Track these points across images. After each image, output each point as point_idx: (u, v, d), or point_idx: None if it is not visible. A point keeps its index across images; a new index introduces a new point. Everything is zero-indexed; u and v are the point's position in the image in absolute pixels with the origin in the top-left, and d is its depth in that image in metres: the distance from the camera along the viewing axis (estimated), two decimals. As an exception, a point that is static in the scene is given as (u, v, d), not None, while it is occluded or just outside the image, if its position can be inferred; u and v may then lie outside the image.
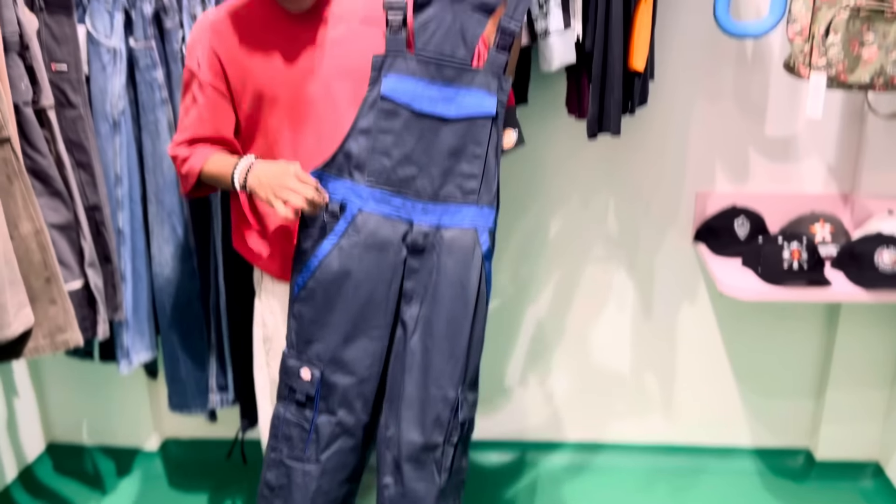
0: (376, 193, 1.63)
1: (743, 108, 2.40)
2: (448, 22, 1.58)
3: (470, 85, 1.58)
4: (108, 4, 2.10)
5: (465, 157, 1.62)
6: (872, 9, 2.00)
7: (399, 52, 1.58)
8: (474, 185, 1.64)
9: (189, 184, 1.82)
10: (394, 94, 1.59)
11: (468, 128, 1.60)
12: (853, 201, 2.41)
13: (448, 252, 1.64)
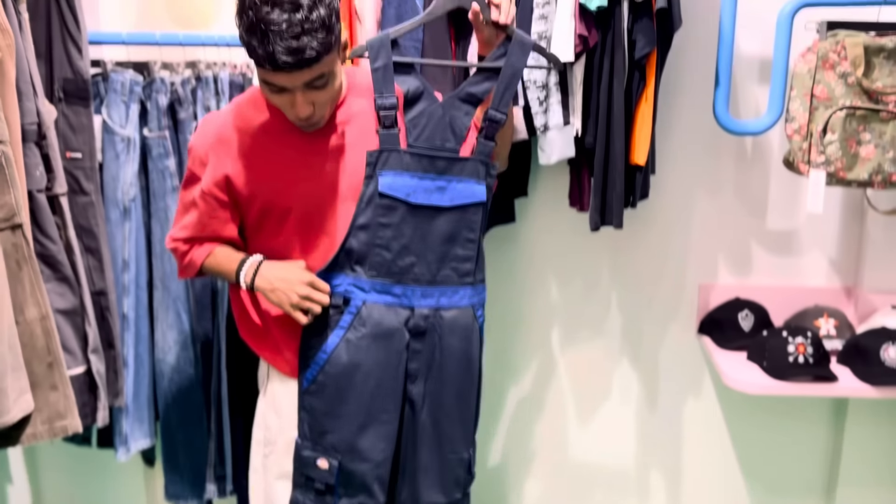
0: (377, 285, 1.68)
1: (744, 201, 2.43)
2: (438, 115, 1.65)
3: (461, 174, 1.67)
4: (124, 96, 2.17)
5: (459, 241, 1.70)
6: (868, 109, 2.05)
7: (393, 147, 1.65)
8: (469, 268, 1.73)
9: (189, 274, 1.81)
10: (391, 191, 1.65)
11: (461, 215, 1.69)
12: (857, 295, 2.41)
13: (451, 332, 1.73)
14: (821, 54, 2.06)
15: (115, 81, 2.17)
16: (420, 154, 1.65)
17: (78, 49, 2.08)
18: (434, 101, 1.66)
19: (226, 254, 1.75)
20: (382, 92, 1.63)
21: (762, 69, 2.33)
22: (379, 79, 1.62)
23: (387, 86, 1.62)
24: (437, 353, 1.73)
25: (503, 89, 1.65)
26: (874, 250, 2.36)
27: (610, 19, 1.96)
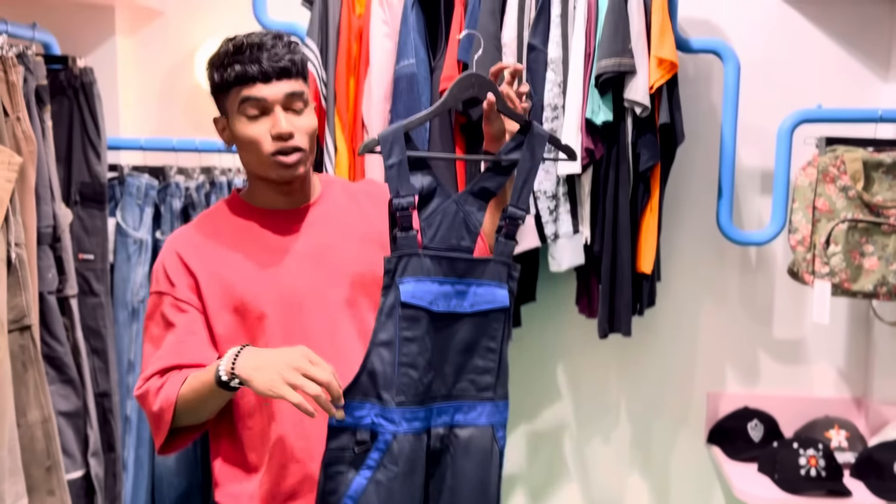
0: (407, 412, 1.45)
1: (749, 310, 2.44)
2: (452, 212, 1.50)
3: (482, 277, 1.51)
4: (139, 199, 2.22)
5: (479, 351, 1.51)
6: (869, 222, 2.09)
7: (411, 251, 1.47)
8: (489, 381, 1.52)
9: (164, 424, 1.44)
10: (414, 300, 1.46)
11: (482, 322, 1.51)
12: (867, 406, 2.38)
13: (465, 453, 1.51)
14: (821, 168, 2.11)
15: (130, 185, 2.22)
16: (439, 256, 1.48)
17: (97, 154, 2.14)
18: (448, 196, 1.50)
19: (198, 371, 1.43)
20: (399, 191, 1.45)
21: (763, 181, 2.38)
22: (394, 176, 1.45)
23: (403, 184, 1.45)
24: (448, 477, 1.50)
25: (521, 184, 1.51)
26: (882, 361, 2.34)
27: (615, 133, 2.02)
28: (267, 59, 1.41)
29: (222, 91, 1.46)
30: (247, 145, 1.46)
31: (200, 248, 1.50)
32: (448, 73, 2.01)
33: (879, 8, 2.31)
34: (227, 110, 1.47)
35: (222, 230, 1.52)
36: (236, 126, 1.46)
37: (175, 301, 1.47)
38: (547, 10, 2.01)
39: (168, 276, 1.49)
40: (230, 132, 1.48)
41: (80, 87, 2.13)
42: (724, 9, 2.35)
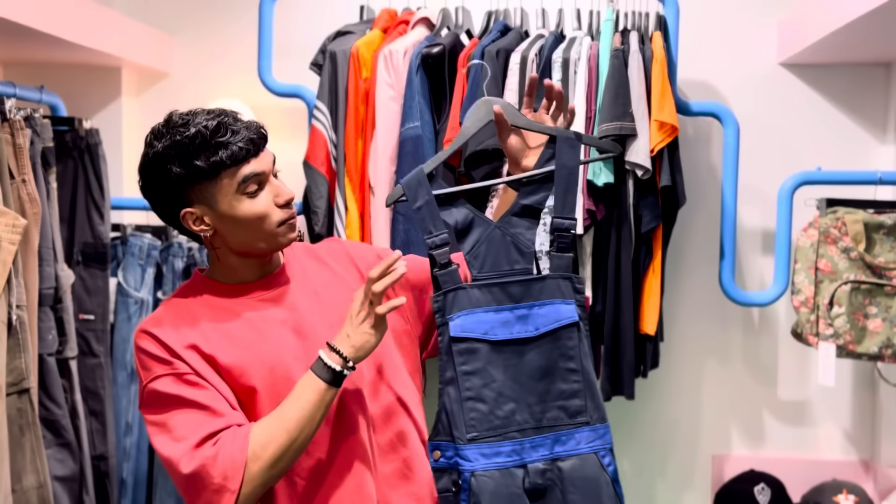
0: (483, 447, 1.43)
1: (753, 371, 2.42)
2: (497, 238, 1.47)
3: (541, 297, 1.46)
4: (141, 259, 2.22)
5: (559, 375, 1.46)
6: (872, 283, 2.09)
7: (455, 286, 1.45)
8: (580, 404, 1.46)
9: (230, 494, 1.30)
10: (465, 332, 1.44)
11: (553, 343, 1.46)
12: (875, 470, 2.35)
13: (572, 487, 1.44)
14: (822, 230, 2.12)
15: (133, 245, 2.22)
16: (488, 285, 1.45)
17: (100, 214, 2.15)
18: (488, 224, 1.48)
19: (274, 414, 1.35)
20: (431, 230, 1.44)
21: (764, 241, 2.39)
22: (424, 217, 1.45)
23: (435, 223, 1.45)
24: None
25: (563, 192, 1.46)
26: (889, 423, 2.32)
27: (616, 195, 2.03)
28: (248, 131, 1.35)
29: (204, 179, 1.34)
30: (250, 223, 1.37)
31: (179, 331, 1.37)
32: (451, 135, 2.03)
33: (875, 71, 2.34)
34: (211, 197, 1.35)
35: (196, 309, 1.40)
36: (235, 208, 1.35)
37: (177, 377, 1.34)
38: (548, 75, 2.04)
39: (157, 358, 1.35)
40: (215, 218, 1.36)
41: (86, 147, 2.15)
42: (722, 71, 2.38)
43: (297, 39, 2.42)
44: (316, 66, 2.21)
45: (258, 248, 1.40)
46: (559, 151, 1.45)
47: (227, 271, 1.43)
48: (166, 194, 1.36)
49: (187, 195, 1.35)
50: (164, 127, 1.36)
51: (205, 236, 1.38)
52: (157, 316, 1.41)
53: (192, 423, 1.31)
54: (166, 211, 1.39)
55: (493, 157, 2.01)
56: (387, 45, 2.13)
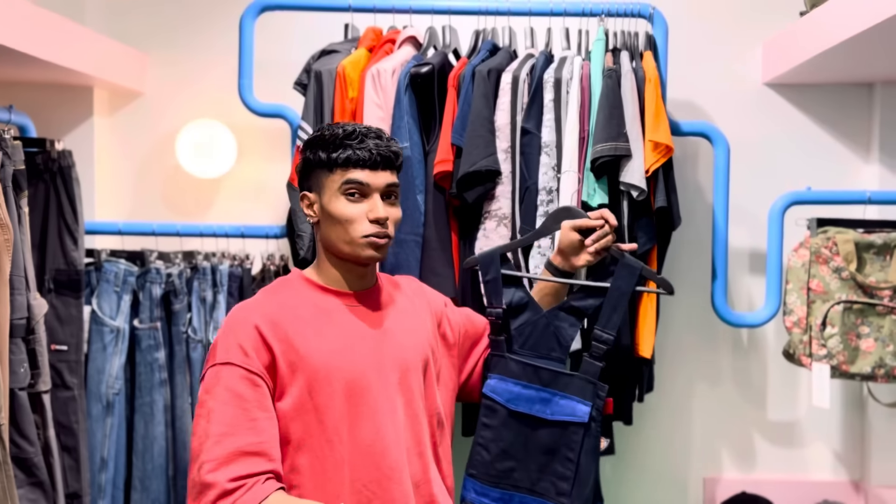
0: (477, 486, 1.69)
1: (743, 392, 2.40)
2: (542, 325, 1.69)
3: (565, 390, 1.66)
4: (117, 286, 2.12)
5: (559, 458, 1.66)
6: (864, 303, 2.08)
7: (501, 353, 1.70)
8: (566, 487, 1.66)
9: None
10: (493, 394, 1.69)
11: (562, 431, 1.65)
12: (865, 490, 2.34)
13: None
14: (813, 250, 2.11)
15: (108, 272, 2.13)
16: (525, 363, 1.68)
17: (73, 239, 2.05)
18: (539, 311, 1.71)
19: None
20: (493, 303, 1.72)
21: (752, 261, 2.38)
22: (489, 291, 1.73)
23: (496, 297, 1.72)
24: None
25: (610, 311, 1.65)
26: (879, 443, 2.32)
27: (611, 216, 2.00)
28: (375, 147, 1.50)
29: (324, 169, 1.50)
30: (340, 223, 1.50)
31: (278, 324, 1.47)
32: (442, 156, 1.98)
33: (858, 92, 2.36)
34: (323, 187, 1.51)
35: (296, 306, 1.51)
36: (332, 203, 1.50)
37: (248, 374, 1.42)
38: (540, 95, 2.00)
39: (242, 348, 1.43)
40: (320, 207, 1.52)
41: (58, 170, 2.05)
42: (708, 91, 2.38)
43: (279, 58, 2.36)
44: (300, 85, 2.14)
45: (341, 250, 1.52)
46: (619, 274, 1.66)
47: (325, 270, 1.56)
48: (302, 175, 1.55)
49: (308, 179, 1.53)
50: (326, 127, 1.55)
51: (314, 223, 1.54)
52: (263, 309, 1.49)
53: (233, 427, 1.38)
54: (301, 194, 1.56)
55: (486, 179, 1.97)
56: (374, 64, 2.07)
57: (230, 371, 1.41)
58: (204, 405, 1.41)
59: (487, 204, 2.00)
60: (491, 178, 1.97)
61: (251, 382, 1.41)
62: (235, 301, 2.15)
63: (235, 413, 1.38)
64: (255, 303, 1.51)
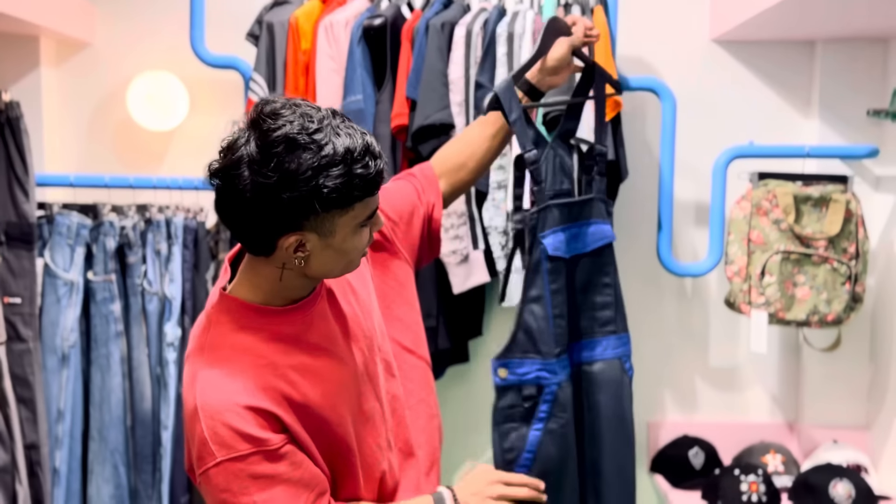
0: (563, 362, 1.53)
1: (686, 339, 2.50)
2: (551, 158, 1.56)
3: (591, 217, 1.58)
4: (70, 239, 2.11)
5: (597, 288, 1.58)
6: (801, 253, 2.18)
7: (545, 204, 1.51)
8: (610, 315, 1.59)
9: None
10: (556, 252, 1.51)
11: (596, 259, 1.58)
12: (799, 430, 2.47)
13: (598, 388, 1.58)
14: (754, 202, 2.20)
15: (60, 224, 2.11)
16: (560, 204, 1.52)
17: (24, 192, 2.03)
18: (546, 144, 1.55)
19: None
20: (525, 145, 1.49)
21: (697, 214, 2.46)
22: (519, 131, 1.49)
23: (527, 137, 1.50)
24: (586, 414, 1.57)
25: (601, 122, 1.59)
26: (812, 386, 2.44)
27: (561, 169, 2.04)
28: (381, 164, 1.19)
29: (336, 209, 1.15)
30: (347, 255, 1.23)
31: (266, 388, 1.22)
32: (398, 109, 2.00)
33: (801, 49, 2.43)
34: (334, 225, 1.17)
35: (263, 354, 1.24)
36: (349, 240, 1.20)
37: (267, 453, 1.20)
38: (493, 49, 2.03)
39: (246, 434, 1.19)
40: (321, 247, 1.19)
41: (6, 122, 2.02)
42: (655, 47, 2.42)
43: (232, 9, 2.33)
44: (252, 36, 2.14)
45: (336, 275, 1.28)
46: (598, 86, 1.56)
47: (283, 293, 1.25)
48: (273, 215, 1.13)
49: (300, 220, 1.15)
50: (288, 141, 1.11)
51: (286, 261, 1.19)
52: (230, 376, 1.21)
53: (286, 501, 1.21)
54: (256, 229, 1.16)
55: (441, 132, 1.99)
56: (327, 15, 2.08)
57: (244, 462, 1.20)
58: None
59: (441, 157, 2.03)
60: (445, 131, 2.00)
61: (276, 458, 1.21)
62: (191, 254, 2.16)
63: (279, 491, 1.21)
64: (223, 377, 1.22)
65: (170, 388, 2.11)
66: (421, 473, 1.49)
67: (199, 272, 2.16)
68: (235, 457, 1.19)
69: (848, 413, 2.42)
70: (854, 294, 2.18)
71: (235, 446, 1.19)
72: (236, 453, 1.19)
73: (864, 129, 2.34)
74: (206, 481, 1.21)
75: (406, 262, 1.56)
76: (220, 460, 1.19)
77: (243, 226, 1.17)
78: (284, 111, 1.14)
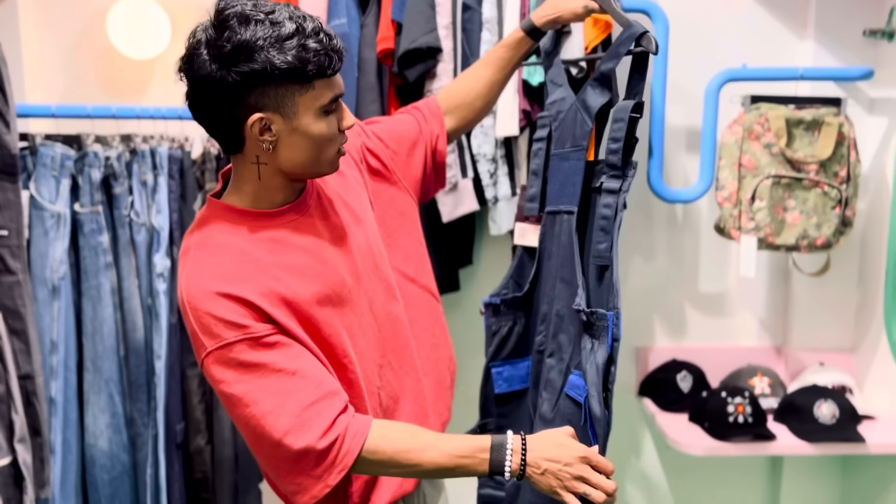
0: None
1: (676, 266, 2.51)
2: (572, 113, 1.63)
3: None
4: (54, 170, 2.09)
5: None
6: (791, 177, 2.17)
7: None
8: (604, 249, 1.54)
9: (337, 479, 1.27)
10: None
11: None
12: (786, 353, 2.50)
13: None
14: (746, 126, 2.17)
15: (44, 156, 2.08)
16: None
17: (5, 123, 1.99)
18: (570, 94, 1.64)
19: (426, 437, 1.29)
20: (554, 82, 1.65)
21: (689, 139, 2.44)
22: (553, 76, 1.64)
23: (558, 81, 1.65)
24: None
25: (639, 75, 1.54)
26: (800, 310, 2.46)
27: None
28: (337, 45, 1.21)
29: (294, 83, 1.18)
30: (317, 145, 1.24)
31: (249, 280, 1.24)
32: (383, 33, 1.96)
33: (797, -32, 2.37)
34: (296, 105, 1.20)
35: (248, 248, 1.27)
36: (313, 125, 1.22)
37: (254, 341, 1.22)
38: (481, -29, 1.97)
39: (230, 322, 1.22)
40: (287, 131, 1.22)
41: (-17, 50, 1.97)
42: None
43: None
44: (233, -41, 2.07)
45: (309, 172, 1.29)
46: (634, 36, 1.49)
47: (265, 194, 1.28)
48: (235, 93, 1.17)
49: (262, 98, 1.18)
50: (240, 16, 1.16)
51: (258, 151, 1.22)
52: (212, 267, 1.24)
53: (283, 392, 1.22)
54: (223, 113, 1.20)
55: (427, 56, 1.96)
56: (309, -64, 2.01)
57: (232, 350, 1.22)
58: (227, 395, 1.23)
59: (429, 83, 2.00)
60: (432, 55, 1.96)
61: (264, 346, 1.23)
62: (177, 184, 2.14)
63: (271, 381, 1.22)
64: (204, 269, 1.25)
65: (161, 319, 2.12)
66: (426, 401, 1.51)
67: (185, 203, 2.14)
68: (223, 345, 1.21)
69: (835, 336, 2.45)
70: (844, 218, 2.18)
71: (222, 335, 1.21)
72: (223, 342, 1.21)
73: (859, 50, 2.30)
74: (208, 375, 1.26)
75: (407, 193, 1.57)
76: (210, 350, 1.22)
77: (211, 113, 1.22)
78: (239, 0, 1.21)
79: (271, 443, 1.23)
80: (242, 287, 1.23)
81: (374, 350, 1.41)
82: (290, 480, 1.26)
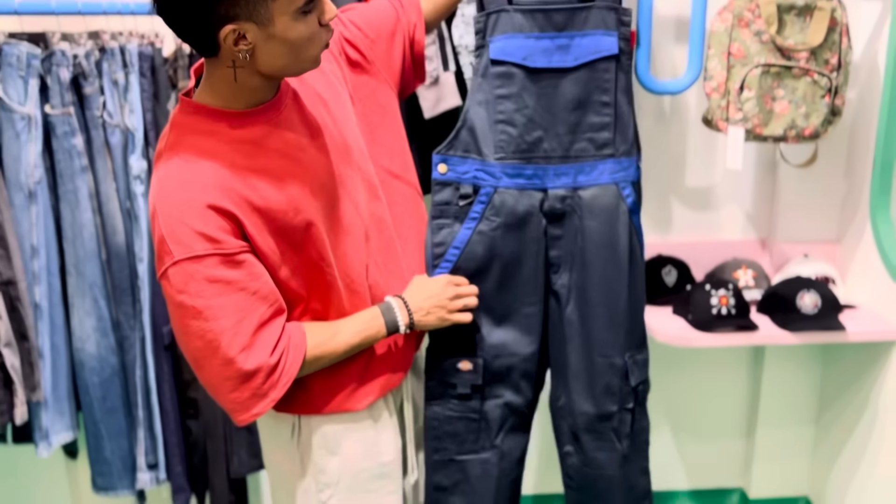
0: (507, 168, 1.52)
1: (662, 160, 2.48)
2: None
3: (584, 27, 1.48)
4: (21, 70, 2.02)
5: (592, 107, 1.51)
6: (781, 66, 2.11)
7: (500, 7, 1.46)
8: (607, 136, 1.53)
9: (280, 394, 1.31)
10: (504, 56, 1.47)
11: (590, 75, 1.50)
12: (771, 246, 2.51)
13: (590, 213, 1.56)
14: (736, 13, 2.11)
15: (9, 55, 2.01)
16: (532, 10, 1.45)
17: (-35, 20, 1.92)
18: None
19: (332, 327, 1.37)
20: None
21: (678, 29, 2.37)
22: None
23: None
24: (578, 239, 1.56)
25: None
26: (786, 202, 2.45)
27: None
28: None
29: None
30: (298, 47, 1.19)
31: (229, 189, 1.23)
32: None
33: None
34: (269, 12, 1.14)
35: (223, 151, 1.24)
36: (291, 29, 1.17)
37: (224, 258, 1.22)
38: None
39: (205, 235, 1.21)
40: (263, 38, 1.17)
41: (-65, -58, 1.87)
42: None
43: None
44: None
45: (292, 72, 1.25)
46: None
47: (241, 95, 1.25)
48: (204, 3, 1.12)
49: (233, 7, 1.12)
50: None
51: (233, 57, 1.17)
52: (191, 173, 1.21)
53: (241, 311, 1.23)
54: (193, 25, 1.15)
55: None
56: None
57: (201, 264, 1.21)
58: (186, 307, 1.22)
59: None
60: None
61: (233, 264, 1.22)
62: (149, 83, 2.07)
63: (235, 299, 1.23)
64: (177, 174, 1.22)
65: (140, 221, 2.09)
66: None
67: (159, 102, 2.08)
68: (192, 257, 1.21)
69: (820, 227, 2.46)
70: (833, 107, 2.15)
71: (192, 246, 1.21)
72: (193, 253, 1.21)
73: (856, -71, 2.21)
74: (166, 283, 1.24)
75: (387, 85, 1.52)
76: (177, 259, 1.21)
77: (181, 20, 1.16)
78: None
79: (224, 360, 1.25)
80: (221, 197, 1.22)
81: (360, 251, 1.41)
82: (234, 398, 1.28)
